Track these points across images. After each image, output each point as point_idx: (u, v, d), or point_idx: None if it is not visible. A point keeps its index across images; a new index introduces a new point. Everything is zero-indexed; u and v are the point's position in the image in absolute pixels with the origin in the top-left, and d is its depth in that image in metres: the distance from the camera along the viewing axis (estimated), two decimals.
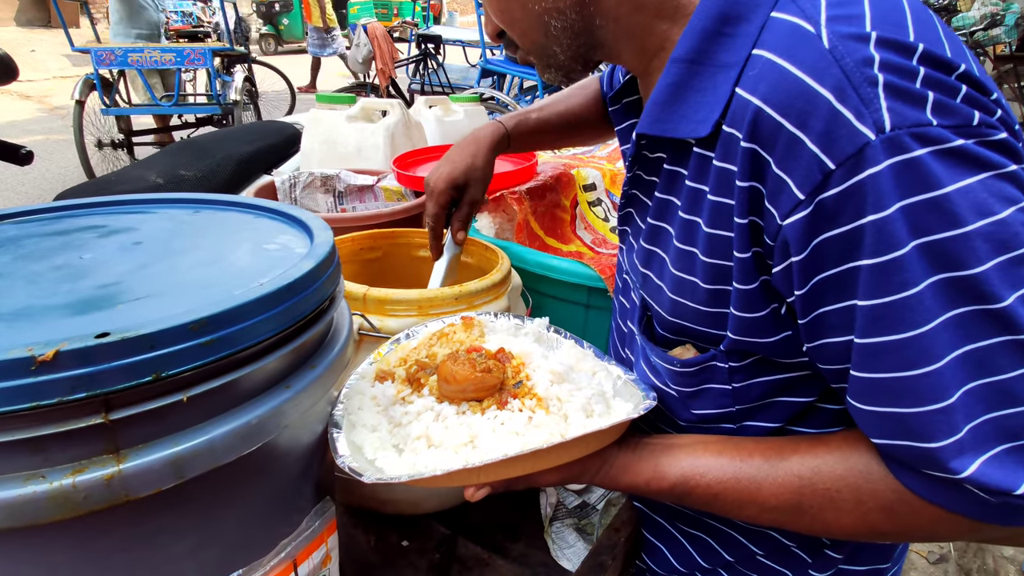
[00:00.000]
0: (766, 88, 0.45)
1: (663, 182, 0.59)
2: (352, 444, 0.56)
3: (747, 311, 0.53)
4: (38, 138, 5.93)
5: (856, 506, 0.50)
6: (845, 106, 0.42)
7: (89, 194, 1.68)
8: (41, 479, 0.34)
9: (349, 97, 1.69)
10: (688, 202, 0.55)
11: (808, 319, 0.49)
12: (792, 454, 0.54)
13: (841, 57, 0.43)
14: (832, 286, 0.46)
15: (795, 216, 0.45)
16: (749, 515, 0.56)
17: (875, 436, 0.47)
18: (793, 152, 0.44)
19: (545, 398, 0.59)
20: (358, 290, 0.76)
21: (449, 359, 0.60)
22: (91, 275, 0.46)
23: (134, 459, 0.36)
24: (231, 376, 0.40)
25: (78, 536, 0.38)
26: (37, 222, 0.59)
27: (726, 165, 0.49)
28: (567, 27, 0.59)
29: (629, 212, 0.69)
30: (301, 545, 0.51)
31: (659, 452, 0.60)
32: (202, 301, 0.39)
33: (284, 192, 1.34)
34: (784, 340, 0.53)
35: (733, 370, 0.58)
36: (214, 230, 0.58)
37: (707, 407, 0.62)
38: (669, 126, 0.54)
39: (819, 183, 0.43)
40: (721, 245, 0.52)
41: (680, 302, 0.58)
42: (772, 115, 0.45)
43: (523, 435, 0.55)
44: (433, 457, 0.54)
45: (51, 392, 0.33)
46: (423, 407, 0.59)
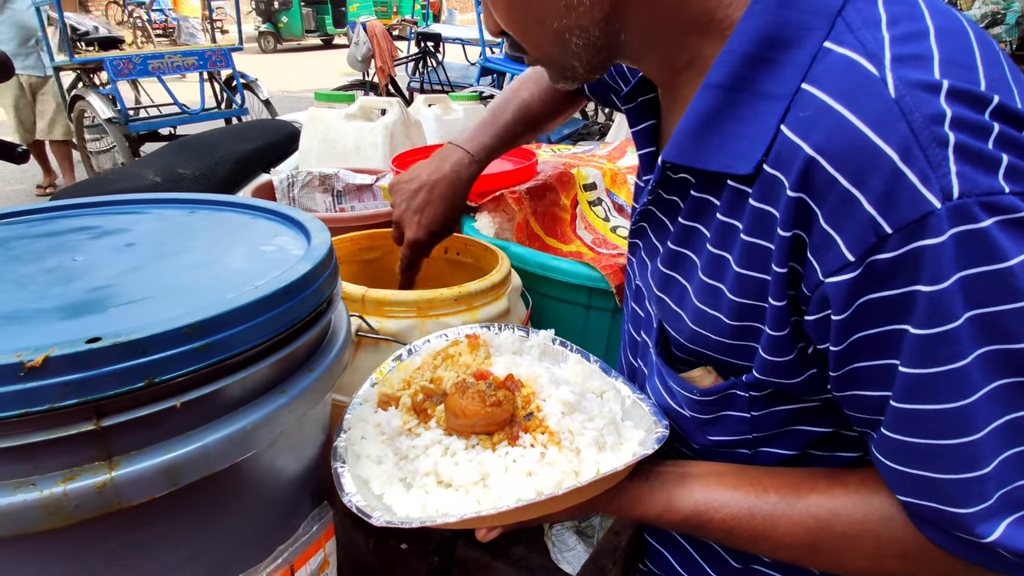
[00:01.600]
0: (821, 137, 0.42)
1: (690, 208, 0.55)
2: (358, 479, 0.54)
3: (776, 355, 0.50)
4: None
5: (874, 551, 0.49)
6: (910, 168, 0.38)
7: (86, 193, 1.67)
8: (31, 487, 0.34)
9: (348, 95, 1.68)
10: (718, 236, 0.51)
11: (841, 372, 0.46)
12: (810, 493, 0.52)
13: (909, 111, 0.39)
14: (873, 344, 0.43)
15: (841, 277, 0.42)
16: (763, 551, 0.55)
17: (901, 493, 0.46)
18: (846, 209, 0.41)
19: (557, 432, 0.57)
20: (356, 291, 0.75)
21: (457, 392, 0.59)
22: (83, 278, 0.45)
23: (126, 466, 0.36)
24: (225, 381, 0.39)
25: (70, 545, 0.37)
26: (28, 223, 0.58)
27: (766, 207, 0.46)
28: (589, 44, 0.54)
29: (643, 227, 0.65)
30: (298, 551, 0.50)
31: (672, 483, 0.57)
32: (196, 305, 0.39)
33: (282, 191, 1.34)
34: (809, 379, 0.51)
35: (753, 399, 0.56)
36: (209, 231, 0.57)
37: (724, 434, 0.60)
38: (702, 157, 0.50)
39: (872, 246, 0.40)
40: (754, 287, 0.49)
41: (701, 333, 0.56)
42: (826, 167, 0.41)
43: (536, 474, 0.54)
44: (443, 497, 0.53)
45: (41, 398, 0.33)
46: (431, 440, 0.58)
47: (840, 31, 0.44)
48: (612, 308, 1.00)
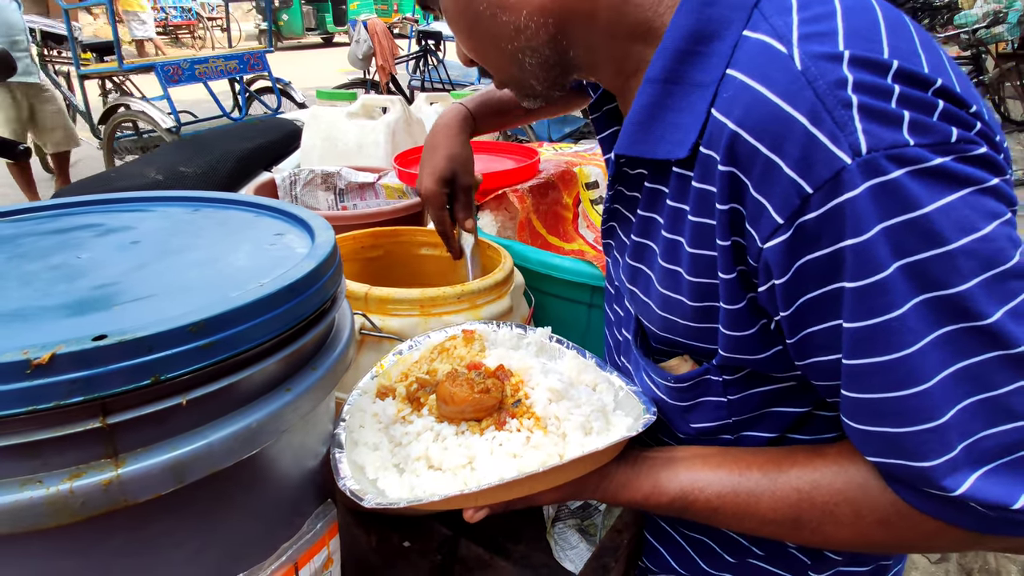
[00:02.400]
0: (740, 112, 0.45)
1: (645, 199, 0.58)
2: (354, 464, 0.56)
3: (736, 329, 0.52)
4: None
5: (855, 520, 0.50)
6: (820, 130, 0.41)
7: (88, 191, 1.67)
8: (38, 484, 0.34)
9: (350, 94, 1.68)
10: (670, 221, 0.54)
11: (796, 339, 0.48)
12: (791, 467, 0.53)
13: (814, 79, 0.42)
14: (816, 307, 0.45)
15: (775, 240, 0.44)
16: (749, 528, 0.56)
17: (869, 454, 0.47)
18: (770, 176, 0.44)
19: (543, 417, 0.59)
20: (359, 289, 0.75)
21: (448, 379, 0.61)
22: (88, 275, 0.45)
23: (133, 463, 0.36)
24: (231, 379, 0.39)
25: (76, 542, 0.37)
26: (33, 220, 0.58)
27: (705, 186, 0.49)
28: (542, 62, 0.58)
29: (612, 226, 0.68)
30: (302, 548, 0.50)
31: (658, 467, 0.59)
32: (201, 302, 0.39)
33: (285, 189, 1.34)
34: (775, 355, 0.53)
35: (727, 383, 0.58)
36: (213, 229, 0.57)
37: (704, 420, 0.62)
38: (647, 147, 0.53)
39: (797, 207, 0.43)
40: (705, 264, 0.52)
41: (669, 318, 0.58)
42: (747, 139, 0.44)
43: (521, 456, 0.55)
44: (432, 480, 0.55)
45: (47, 396, 0.33)
46: (423, 427, 0.60)
47: (756, 20, 0.47)
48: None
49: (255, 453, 0.41)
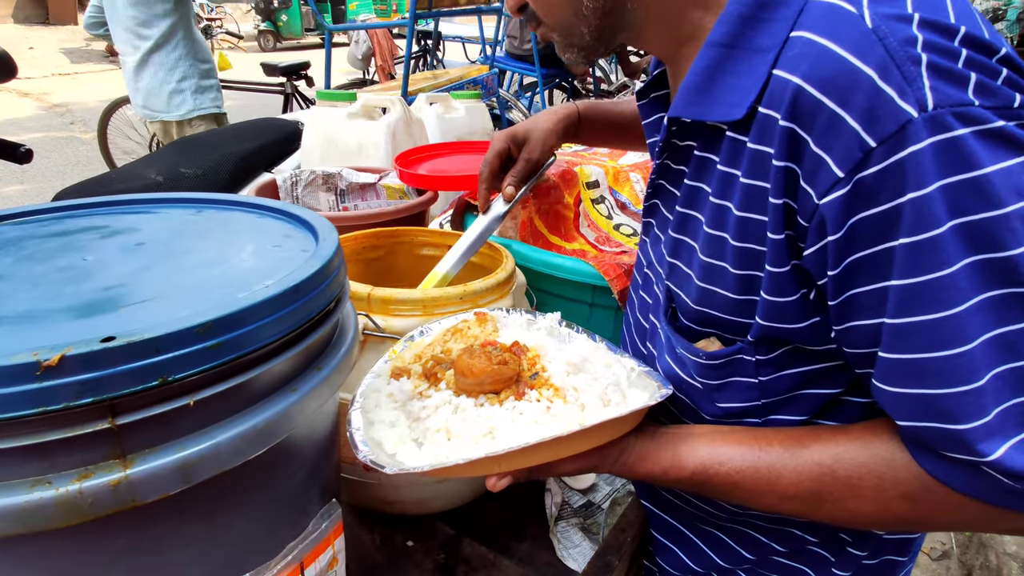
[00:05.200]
0: (807, 66, 0.45)
1: (693, 169, 0.59)
2: (372, 440, 0.56)
3: (777, 295, 0.52)
4: (37, 136, 5.92)
5: (878, 493, 0.50)
6: (888, 84, 0.42)
7: (89, 193, 1.67)
8: (47, 485, 0.34)
9: (350, 94, 1.68)
10: (719, 187, 0.55)
11: (839, 300, 0.48)
12: (813, 443, 0.54)
13: (884, 36, 0.43)
14: (866, 267, 0.46)
15: (833, 194, 0.45)
16: (768, 504, 0.56)
17: (902, 418, 0.47)
18: (833, 130, 0.44)
19: (562, 388, 0.59)
20: (362, 290, 0.76)
21: (465, 353, 0.61)
22: (94, 277, 0.46)
23: (141, 464, 0.36)
24: (238, 379, 0.39)
25: (85, 541, 0.37)
26: (38, 223, 0.58)
27: (761, 147, 0.49)
28: (598, 7, 0.58)
29: (655, 203, 0.69)
30: (308, 548, 0.51)
31: (677, 441, 0.59)
32: (208, 304, 0.39)
33: (286, 190, 1.34)
34: (813, 326, 0.53)
35: (760, 363, 0.57)
36: (217, 231, 0.58)
37: (733, 400, 0.61)
38: (702, 109, 0.54)
39: (859, 161, 0.43)
40: (753, 228, 0.52)
41: (709, 289, 0.58)
42: (812, 92, 0.45)
43: (542, 424, 0.56)
44: (453, 448, 0.55)
45: (57, 397, 0.33)
46: (441, 400, 0.60)
47: None
48: (615, 306, 1.00)
49: (261, 453, 0.41)
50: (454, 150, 1.49)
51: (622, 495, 0.90)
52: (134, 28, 2.74)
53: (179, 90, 2.91)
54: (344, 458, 0.78)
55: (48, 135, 6.02)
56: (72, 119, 6.67)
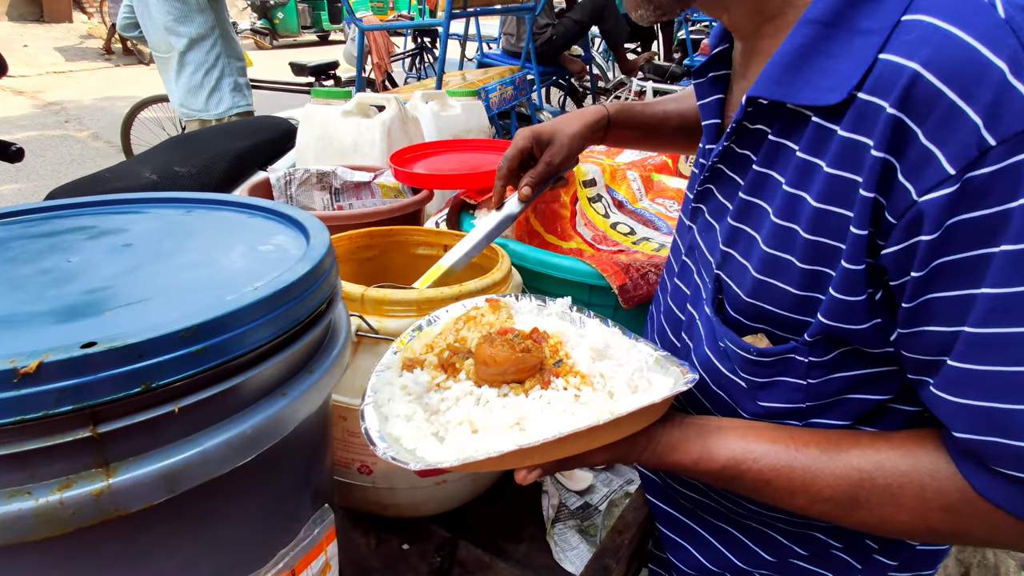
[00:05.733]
0: (929, 52, 0.42)
1: (764, 155, 0.55)
2: (390, 436, 0.54)
3: (848, 294, 0.50)
4: (31, 134, 5.88)
5: (917, 504, 0.49)
6: (1020, 79, 0.39)
7: (82, 192, 1.66)
8: (27, 496, 0.33)
9: (345, 92, 1.67)
10: (796, 176, 0.52)
11: (915, 303, 0.46)
12: (852, 447, 0.52)
13: (1020, 28, 0.40)
14: (954, 271, 0.43)
15: (938, 192, 0.42)
16: (799, 505, 0.54)
17: (961, 430, 0.45)
18: (950, 123, 0.41)
19: (589, 375, 0.57)
20: (355, 291, 0.74)
21: (485, 342, 0.58)
22: (78, 279, 0.44)
23: (124, 473, 0.35)
24: (225, 385, 0.38)
25: (67, 553, 0.36)
26: (23, 223, 0.57)
27: (856, 136, 0.46)
28: None
29: (709, 189, 0.65)
30: (300, 555, 0.50)
31: (708, 433, 0.58)
32: (194, 307, 0.38)
33: (279, 189, 1.32)
34: (875, 327, 0.51)
35: (812, 365, 0.55)
36: (207, 231, 0.57)
37: (776, 400, 0.59)
38: (789, 91, 0.50)
39: (974, 160, 0.40)
40: (832, 222, 0.49)
41: (767, 282, 0.55)
42: (932, 80, 0.42)
43: (572, 413, 0.54)
44: (480, 441, 0.52)
45: (35, 405, 0.32)
46: (461, 392, 0.57)
47: None
48: (613, 305, 0.99)
49: (250, 460, 0.40)
50: (450, 148, 1.48)
51: (619, 496, 0.89)
52: (170, 24, 2.71)
53: (217, 88, 2.90)
54: (337, 461, 0.78)
55: (42, 133, 5.98)
56: (67, 117, 6.64)
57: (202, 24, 2.74)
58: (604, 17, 4.65)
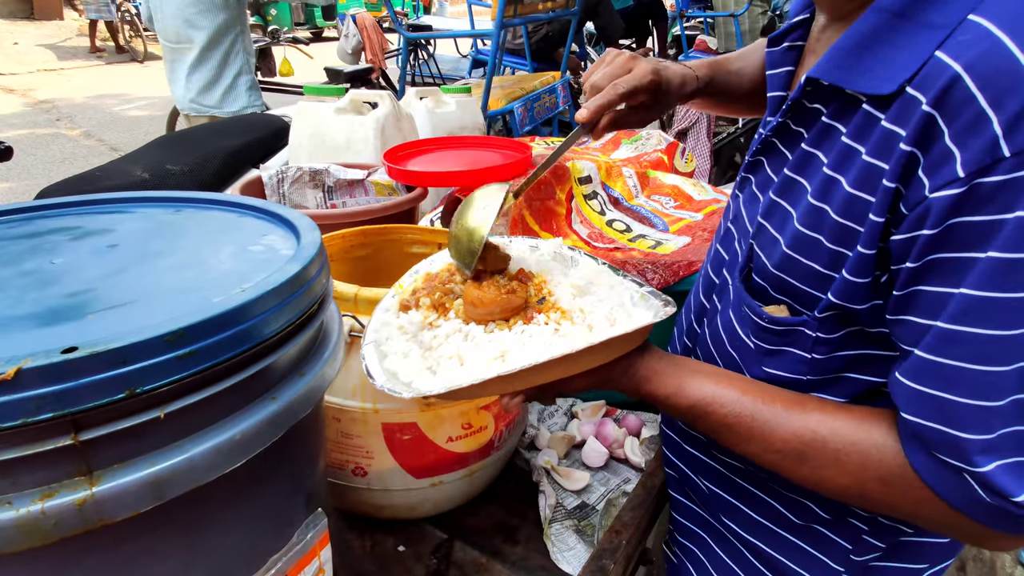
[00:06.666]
0: (973, 56, 0.43)
1: (814, 135, 0.57)
2: (387, 371, 0.58)
3: (857, 275, 0.52)
4: (22, 132, 5.83)
5: (859, 470, 0.53)
6: None
7: (73, 190, 1.64)
8: (7, 506, 0.32)
9: (338, 89, 1.65)
10: (837, 159, 0.53)
11: (904, 292, 0.49)
12: (814, 410, 0.56)
13: None
14: (942, 268, 0.45)
15: (945, 192, 0.44)
16: (751, 452, 0.58)
17: (911, 413, 0.48)
18: (975, 129, 0.42)
19: (569, 310, 0.61)
20: (348, 290, 0.73)
21: (472, 284, 0.63)
22: (61, 282, 0.43)
23: (108, 481, 0.34)
24: (212, 390, 0.37)
25: (50, 564, 0.35)
26: (6, 224, 0.56)
27: (894, 128, 0.47)
28: None
29: (760, 160, 0.67)
30: (292, 560, 0.49)
31: (685, 371, 0.61)
32: (179, 310, 0.37)
33: (272, 187, 1.31)
34: (873, 308, 0.53)
35: (819, 340, 0.58)
36: (195, 231, 0.55)
37: (780, 368, 0.62)
38: (848, 76, 0.51)
39: (985, 167, 0.42)
40: (859, 207, 0.51)
41: (795, 258, 0.57)
42: (968, 85, 0.42)
43: (551, 344, 0.57)
44: (466, 373, 0.56)
45: (14, 413, 0.31)
46: (451, 329, 0.61)
47: None
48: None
49: (240, 465, 0.40)
50: (444, 146, 1.47)
51: (616, 496, 0.88)
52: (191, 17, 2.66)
53: (234, 85, 2.85)
54: (331, 463, 0.77)
55: (33, 132, 5.93)
56: (58, 115, 6.58)
57: (226, 18, 2.71)
58: (599, 13, 4.64)
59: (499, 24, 2.46)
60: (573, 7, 3.16)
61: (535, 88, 3.03)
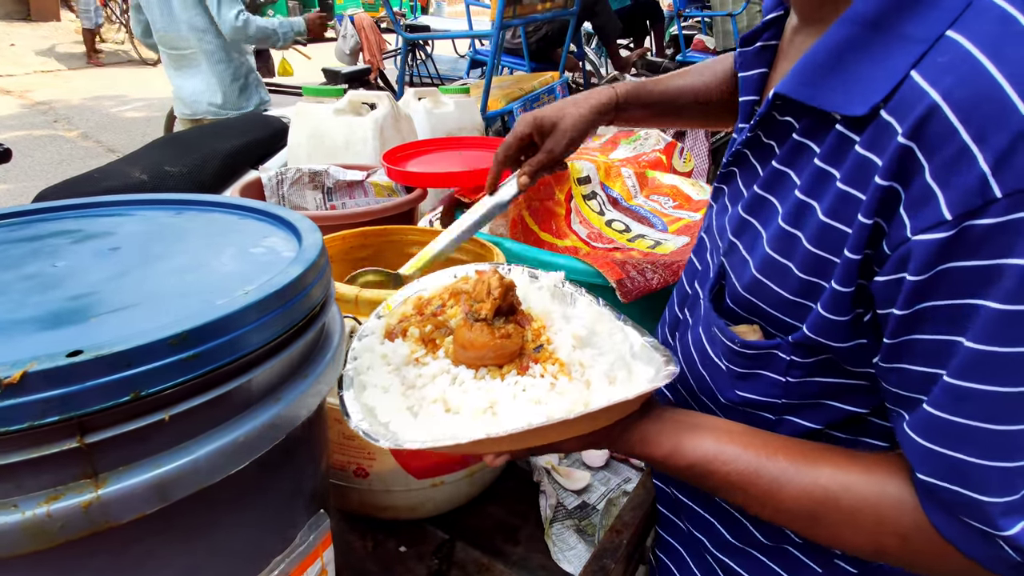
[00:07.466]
0: (952, 82, 0.39)
1: (785, 152, 0.54)
2: (365, 406, 0.54)
3: (833, 313, 0.49)
4: (19, 134, 5.82)
5: (874, 527, 0.49)
6: None
7: (71, 192, 1.64)
8: (13, 509, 0.32)
9: (337, 90, 1.65)
10: (810, 182, 0.50)
11: (896, 340, 0.45)
12: (822, 464, 0.51)
13: None
14: (941, 317, 0.42)
15: (930, 235, 0.40)
16: (762, 513, 0.54)
17: (924, 473, 0.45)
18: (958, 165, 0.38)
19: (567, 363, 0.57)
20: (349, 292, 0.74)
21: (465, 324, 0.58)
22: (64, 285, 0.43)
23: (114, 483, 0.34)
24: (216, 392, 0.37)
25: (56, 566, 0.35)
26: (7, 227, 0.56)
27: (870, 155, 0.44)
28: None
29: (733, 172, 0.64)
30: (295, 562, 0.49)
31: (683, 429, 0.57)
32: (183, 312, 0.37)
33: (271, 189, 1.31)
34: (857, 347, 0.50)
35: (792, 364, 0.55)
36: (197, 233, 0.56)
37: (754, 392, 0.59)
38: (817, 94, 0.48)
39: (975, 209, 0.38)
40: (834, 238, 0.47)
41: (764, 283, 0.54)
42: (948, 116, 0.39)
43: (545, 403, 0.53)
44: (451, 423, 0.52)
45: (20, 416, 0.31)
46: (439, 369, 0.57)
47: None
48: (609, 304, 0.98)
49: (244, 467, 0.40)
50: (443, 146, 1.47)
51: (617, 495, 0.88)
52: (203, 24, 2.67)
53: (247, 85, 2.87)
54: (334, 464, 0.77)
55: (31, 133, 5.92)
56: (55, 117, 6.57)
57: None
58: (596, 12, 4.64)
59: (499, 25, 2.46)
60: (572, 7, 3.16)
61: (534, 88, 3.04)
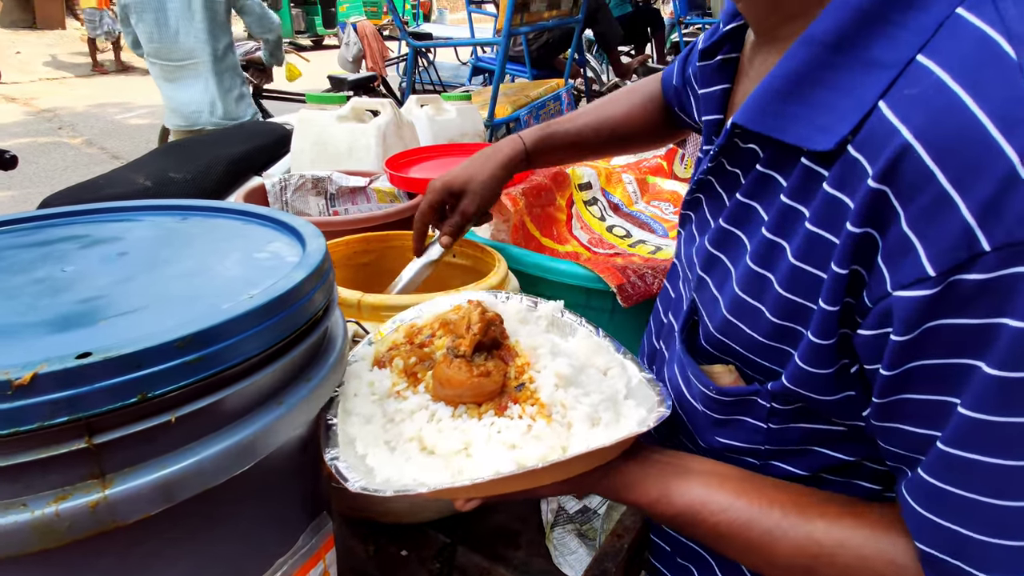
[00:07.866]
0: (925, 120, 0.35)
1: (750, 184, 0.50)
2: (345, 435, 0.54)
3: (814, 366, 0.45)
4: (24, 141, 5.86)
5: None
6: None
7: (76, 199, 1.65)
8: (22, 508, 0.33)
9: (339, 97, 1.67)
10: (778, 220, 0.46)
11: (885, 400, 0.41)
12: (818, 517, 0.47)
13: None
14: (932, 376, 0.38)
15: (913, 292, 0.36)
16: (753, 564, 0.51)
17: (923, 543, 0.41)
18: (938, 215, 0.34)
19: (548, 404, 0.54)
20: (352, 296, 0.74)
21: (444, 361, 0.56)
22: (72, 289, 0.44)
23: (120, 484, 0.35)
24: (221, 394, 0.38)
25: (63, 565, 0.36)
26: (16, 232, 0.57)
27: (840, 196, 0.40)
28: None
29: (698, 199, 0.60)
30: (297, 564, 0.49)
31: (670, 474, 0.53)
32: (189, 316, 0.38)
33: (275, 195, 1.32)
34: (845, 400, 0.46)
35: (773, 411, 0.51)
36: (202, 238, 0.56)
37: (735, 439, 0.56)
38: (778, 125, 0.44)
39: (961, 264, 0.34)
40: (807, 283, 0.44)
41: (736, 325, 0.50)
42: (923, 158, 0.34)
43: (520, 447, 0.51)
44: (424, 464, 0.51)
45: (30, 417, 0.31)
46: (417, 405, 0.56)
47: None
48: (610, 308, 0.99)
49: (247, 469, 0.40)
50: (445, 153, 1.48)
51: None
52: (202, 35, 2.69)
53: (243, 94, 2.90)
54: None
55: (35, 140, 5.96)
56: (60, 124, 6.62)
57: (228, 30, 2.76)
58: (597, 19, 4.67)
59: (507, 33, 2.46)
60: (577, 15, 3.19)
61: (540, 96, 3.06)
